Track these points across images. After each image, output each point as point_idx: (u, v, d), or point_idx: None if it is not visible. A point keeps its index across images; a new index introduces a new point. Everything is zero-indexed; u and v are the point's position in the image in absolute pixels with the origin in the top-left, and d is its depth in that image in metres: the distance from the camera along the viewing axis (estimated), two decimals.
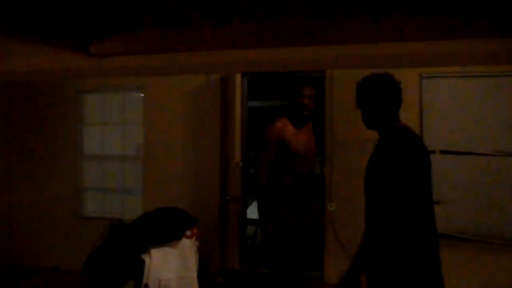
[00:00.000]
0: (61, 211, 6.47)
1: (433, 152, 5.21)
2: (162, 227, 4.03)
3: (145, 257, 3.78)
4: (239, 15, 2.34)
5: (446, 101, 5.23)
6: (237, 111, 5.27)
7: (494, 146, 5.02)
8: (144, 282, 3.69)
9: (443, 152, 5.19)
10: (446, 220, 5.14)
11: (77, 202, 6.50)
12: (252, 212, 6.28)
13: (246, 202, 6.03)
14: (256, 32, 2.33)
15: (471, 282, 5.00)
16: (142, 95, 6.21)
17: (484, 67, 4.87)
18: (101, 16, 2.43)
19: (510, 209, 4.97)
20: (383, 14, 2.14)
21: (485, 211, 5.06)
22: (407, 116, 5.16)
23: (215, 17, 2.38)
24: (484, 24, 2.07)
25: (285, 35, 2.28)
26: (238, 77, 5.27)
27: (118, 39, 2.64)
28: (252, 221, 6.22)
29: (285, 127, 4.38)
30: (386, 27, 2.13)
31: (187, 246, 4.02)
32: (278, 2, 2.20)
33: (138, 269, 3.73)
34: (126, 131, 6.44)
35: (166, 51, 2.56)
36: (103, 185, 6.53)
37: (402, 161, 2.56)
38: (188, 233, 4.06)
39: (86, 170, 6.57)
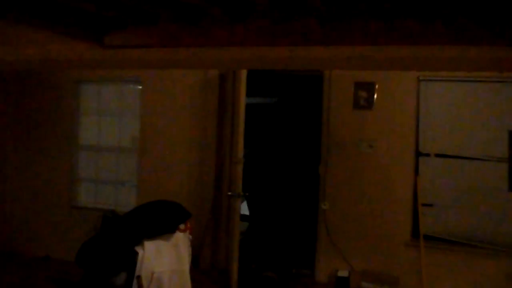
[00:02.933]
0: (55, 200, 6.46)
1: (428, 155, 5.25)
2: (156, 219, 4.02)
3: (138, 249, 3.77)
4: (254, 14, 2.35)
5: (442, 105, 5.26)
6: (241, 107, 5.21)
7: (487, 151, 5.06)
8: (136, 274, 3.69)
9: (438, 155, 5.22)
10: (439, 223, 5.19)
11: (71, 192, 6.49)
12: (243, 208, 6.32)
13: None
14: (270, 31, 2.35)
15: (461, 285, 5.04)
16: (140, 87, 6.20)
17: (481, 72, 4.90)
18: (117, 8, 2.42)
19: (501, 214, 5.01)
20: (391, 18, 2.17)
21: (477, 216, 5.09)
22: (404, 118, 5.26)
23: (231, 15, 2.39)
24: (483, 32, 2.09)
25: (297, 35, 2.30)
26: (244, 73, 5.20)
27: (133, 31, 2.64)
28: (244, 217, 6.25)
29: None
30: (397, 30, 2.15)
31: (181, 240, 4.01)
32: (293, 4, 2.23)
33: (131, 261, 3.72)
34: (123, 123, 6.43)
35: (179, 46, 2.57)
36: (97, 176, 6.52)
37: None
38: (182, 226, 4.05)
39: (81, 160, 6.56)
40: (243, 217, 6.20)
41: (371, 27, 2.17)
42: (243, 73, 5.21)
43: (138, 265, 3.72)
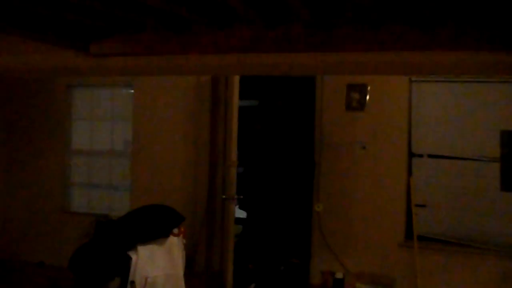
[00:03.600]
0: (48, 206, 6.43)
1: (421, 156, 5.27)
2: (150, 224, 4.01)
3: (132, 254, 3.76)
4: (240, 21, 2.36)
5: (434, 106, 5.28)
6: (234, 110, 5.20)
7: (480, 151, 5.08)
8: (130, 279, 3.67)
9: (430, 156, 5.24)
10: (433, 224, 5.20)
11: (64, 197, 6.46)
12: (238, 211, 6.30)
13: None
14: (254, 39, 2.36)
15: (455, 285, 5.06)
16: (132, 91, 6.19)
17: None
18: (103, 17, 2.42)
19: (494, 214, 5.03)
20: (381, 23, 2.18)
21: (470, 215, 5.11)
22: (396, 119, 5.28)
23: (216, 23, 2.39)
24: (475, 36, 2.11)
25: (283, 42, 2.31)
26: (236, 76, 5.19)
27: (119, 39, 2.63)
28: (237, 220, 6.23)
29: None
30: (384, 36, 2.16)
31: (174, 244, 4.00)
32: (278, 12, 2.23)
33: (124, 266, 3.71)
34: (115, 127, 6.42)
35: (165, 53, 2.57)
36: (90, 181, 6.50)
37: None
38: (175, 231, 4.05)
39: (73, 165, 6.53)
40: (236, 220, 6.19)
41: (357, 33, 2.18)
42: (236, 77, 5.20)
43: (132, 270, 3.71)
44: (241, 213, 6.23)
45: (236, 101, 5.18)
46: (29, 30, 2.47)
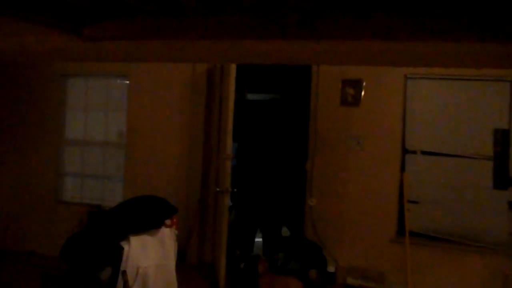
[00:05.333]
0: (40, 195, 6.40)
1: (414, 152, 5.28)
2: (142, 215, 4.01)
3: (124, 244, 3.76)
4: (233, 7, 2.34)
5: (429, 103, 5.29)
6: (230, 102, 5.13)
7: (473, 149, 5.10)
8: (122, 269, 3.68)
9: (424, 153, 5.26)
10: (425, 220, 5.22)
11: (57, 187, 6.43)
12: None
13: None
14: (248, 25, 2.34)
15: (446, 282, 5.09)
16: (127, 82, 6.17)
17: (468, 70, 4.93)
18: (97, 0, 2.39)
19: (486, 211, 5.05)
20: (373, 12, 2.17)
21: (462, 213, 5.13)
22: (390, 115, 5.29)
23: (210, 8, 2.37)
24: (471, 27, 2.11)
25: (277, 28, 2.30)
26: (233, 67, 5.11)
27: (114, 24, 2.59)
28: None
29: None
30: (375, 25, 2.16)
31: (166, 235, 4.01)
32: None
33: (116, 256, 3.71)
34: (109, 117, 6.39)
35: (159, 39, 2.54)
36: (83, 171, 6.47)
37: None
38: (167, 222, 4.05)
39: (67, 154, 6.50)
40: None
41: (349, 22, 2.17)
42: (232, 68, 5.13)
43: (124, 260, 3.71)
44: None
45: (232, 93, 5.12)
46: (21, 10, 2.43)
